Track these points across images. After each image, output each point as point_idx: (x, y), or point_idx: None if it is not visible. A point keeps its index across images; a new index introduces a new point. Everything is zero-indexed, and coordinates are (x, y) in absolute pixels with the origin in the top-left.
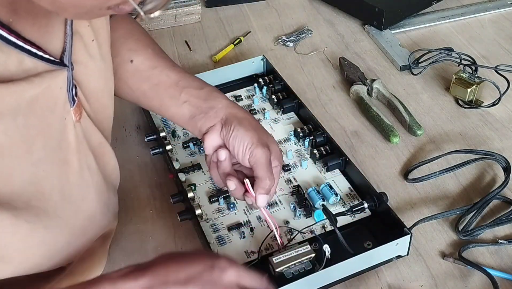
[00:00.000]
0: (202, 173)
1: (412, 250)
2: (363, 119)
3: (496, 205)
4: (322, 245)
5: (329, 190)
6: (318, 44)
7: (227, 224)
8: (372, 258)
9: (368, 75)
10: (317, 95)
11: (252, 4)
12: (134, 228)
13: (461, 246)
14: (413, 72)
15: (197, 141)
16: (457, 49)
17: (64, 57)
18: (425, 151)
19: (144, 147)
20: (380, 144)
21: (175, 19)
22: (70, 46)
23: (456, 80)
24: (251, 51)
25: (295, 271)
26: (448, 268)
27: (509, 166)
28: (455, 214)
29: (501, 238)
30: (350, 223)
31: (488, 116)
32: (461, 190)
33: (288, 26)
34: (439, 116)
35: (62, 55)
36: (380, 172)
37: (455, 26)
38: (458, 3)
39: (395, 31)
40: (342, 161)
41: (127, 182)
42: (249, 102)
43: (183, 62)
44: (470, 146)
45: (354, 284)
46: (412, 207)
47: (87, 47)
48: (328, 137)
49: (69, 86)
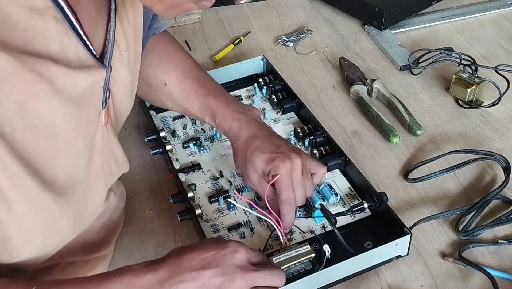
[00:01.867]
0: (202, 173)
1: (412, 250)
2: (363, 119)
3: (496, 205)
4: (322, 245)
5: (329, 190)
6: (318, 44)
7: (227, 224)
8: (372, 258)
9: (368, 75)
10: (317, 95)
11: (252, 4)
12: (134, 228)
13: (461, 246)
14: (413, 72)
15: (197, 142)
16: (457, 49)
17: (105, 59)
18: (425, 151)
19: (144, 147)
20: (380, 144)
21: (175, 19)
22: (111, 50)
23: (456, 80)
24: (251, 51)
25: (295, 271)
26: (448, 268)
27: (509, 166)
28: (455, 214)
29: (501, 238)
30: (350, 223)
31: (488, 116)
32: (461, 190)
33: (288, 26)
34: (439, 116)
35: (103, 56)
36: (380, 172)
37: (455, 26)
38: (458, 3)
39: (395, 31)
40: (342, 161)
41: (127, 182)
42: (249, 102)
43: None
44: (470, 146)
45: (354, 284)
46: (412, 207)
47: (122, 56)
48: (328, 137)
49: (105, 87)
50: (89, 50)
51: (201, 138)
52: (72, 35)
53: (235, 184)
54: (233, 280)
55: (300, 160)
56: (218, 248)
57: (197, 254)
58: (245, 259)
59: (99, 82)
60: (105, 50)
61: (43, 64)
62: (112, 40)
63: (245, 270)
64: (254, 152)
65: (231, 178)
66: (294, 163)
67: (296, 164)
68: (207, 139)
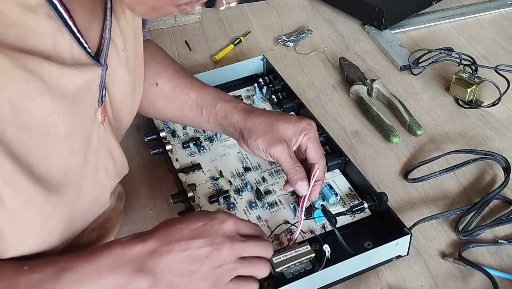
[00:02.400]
0: (202, 173)
1: (412, 250)
2: (363, 119)
3: (496, 205)
4: (322, 245)
5: (329, 190)
6: (318, 44)
7: None
8: (372, 258)
9: (368, 75)
10: (317, 95)
11: (252, 4)
12: (134, 228)
13: (461, 246)
14: (413, 72)
15: (196, 142)
16: (457, 49)
17: (101, 57)
18: (425, 151)
19: (144, 147)
20: (380, 144)
21: (175, 19)
22: (107, 48)
23: (456, 80)
24: (251, 51)
25: (295, 271)
26: (448, 268)
27: (509, 166)
28: (455, 214)
29: (501, 238)
30: (350, 223)
31: (488, 116)
32: (461, 190)
33: (288, 26)
34: (439, 116)
35: (99, 54)
36: (380, 172)
37: (455, 26)
38: (458, 3)
39: (395, 31)
40: (342, 161)
41: (127, 182)
42: (249, 102)
43: (183, 62)
44: (470, 146)
45: (354, 284)
46: (412, 207)
47: (119, 55)
48: (328, 137)
49: (101, 85)
50: (83, 48)
51: (201, 139)
52: (65, 33)
53: (235, 184)
54: (221, 250)
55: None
56: (206, 219)
57: (186, 224)
58: (233, 229)
59: (94, 81)
60: (101, 49)
61: (35, 62)
62: (108, 38)
63: (233, 240)
64: (278, 121)
65: (231, 178)
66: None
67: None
68: (207, 140)
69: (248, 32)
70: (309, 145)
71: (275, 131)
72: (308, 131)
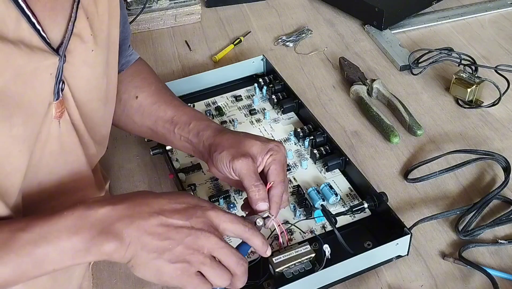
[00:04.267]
0: (202, 173)
1: (412, 250)
2: (363, 119)
3: (496, 205)
4: (322, 245)
5: (329, 190)
6: (318, 44)
7: None
8: (372, 258)
9: (368, 75)
10: (317, 95)
11: (252, 4)
12: None
13: (461, 246)
14: (413, 72)
15: None
16: (457, 49)
17: (60, 49)
18: (425, 151)
19: (144, 147)
20: (380, 144)
21: (175, 19)
22: (67, 40)
23: (456, 80)
24: (251, 51)
25: (295, 271)
26: (448, 268)
27: (509, 166)
28: (455, 214)
29: (501, 238)
30: (350, 223)
31: (488, 116)
32: (461, 190)
33: (288, 26)
34: (439, 116)
35: (59, 47)
36: (380, 172)
37: (455, 26)
38: (458, 3)
39: (395, 31)
40: (342, 161)
41: (127, 182)
42: (249, 102)
43: (183, 62)
44: (470, 146)
45: (354, 284)
46: (412, 207)
47: (86, 51)
48: (328, 137)
49: (58, 78)
50: (35, 29)
51: None
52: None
53: None
54: (199, 237)
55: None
56: (192, 203)
57: (168, 200)
58: (215, 222)
59: (47, 68)
60: (63, 41)
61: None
62: (71, 31)
63: (212, 233)
64: (246, 137)
65: None
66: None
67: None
68: None
69: (248, 32)
70: (272, 166)
71: (242, 146)
72: (275, 153)
